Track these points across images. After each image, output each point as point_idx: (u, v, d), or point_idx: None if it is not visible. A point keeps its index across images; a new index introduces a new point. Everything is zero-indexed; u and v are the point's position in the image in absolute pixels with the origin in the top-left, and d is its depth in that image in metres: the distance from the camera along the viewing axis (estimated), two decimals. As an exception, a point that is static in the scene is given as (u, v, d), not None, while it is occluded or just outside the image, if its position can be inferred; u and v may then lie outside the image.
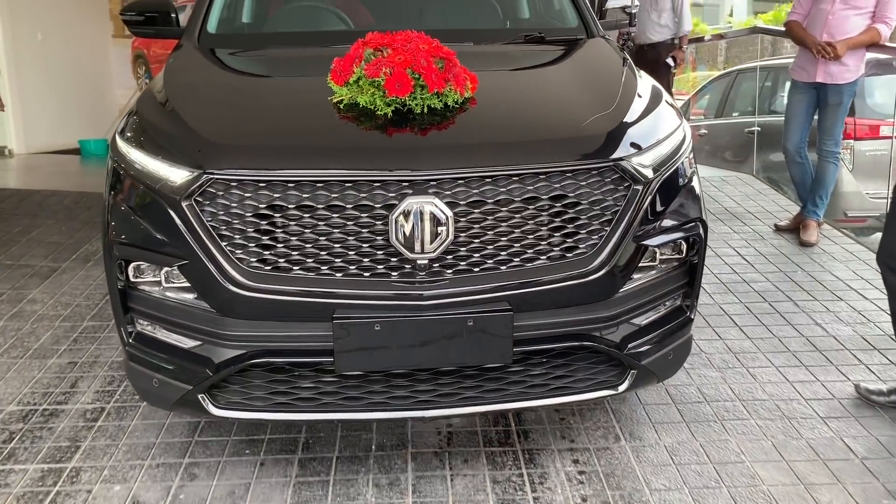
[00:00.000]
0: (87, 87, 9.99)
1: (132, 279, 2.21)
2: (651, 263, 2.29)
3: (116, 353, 3.20)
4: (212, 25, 3.12)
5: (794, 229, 4.62)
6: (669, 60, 6.40)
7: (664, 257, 2.32)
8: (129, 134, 2.36)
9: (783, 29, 4.76)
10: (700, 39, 9.98)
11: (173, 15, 3.07)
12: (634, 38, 6.80)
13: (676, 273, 2.36)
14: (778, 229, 4.71)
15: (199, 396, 2.17)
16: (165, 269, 2.15)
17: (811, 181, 4.58)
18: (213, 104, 2.45)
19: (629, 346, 2.24)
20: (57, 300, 3.78)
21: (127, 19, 3.07)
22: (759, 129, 7.21)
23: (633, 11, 3.32)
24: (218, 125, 2.26)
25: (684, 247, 2.35)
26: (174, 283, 2.18)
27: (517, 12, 3.62)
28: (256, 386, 2.17)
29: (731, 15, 31.82)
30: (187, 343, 2.19)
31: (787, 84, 7.36)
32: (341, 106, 2.26)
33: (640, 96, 2.51)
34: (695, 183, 2.40)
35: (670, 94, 6.62)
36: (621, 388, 2.27)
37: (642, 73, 2.80)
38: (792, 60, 4.68)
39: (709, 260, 4.18)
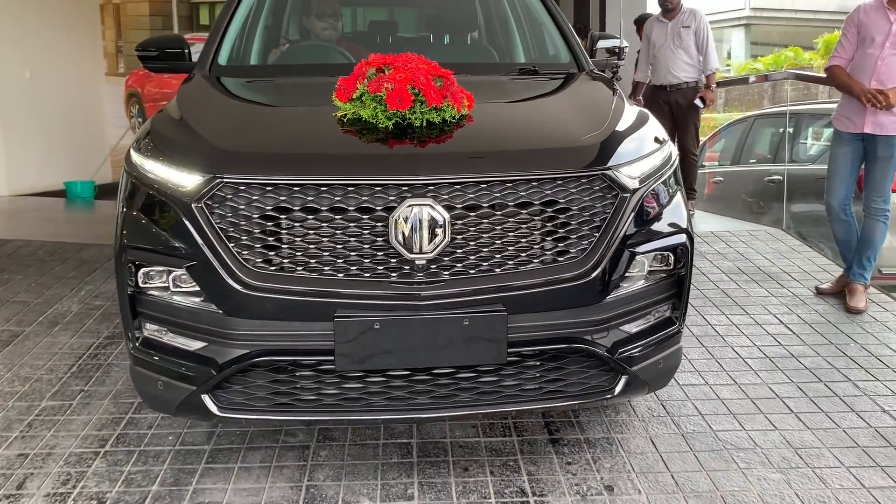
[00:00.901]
0: (77, 126, 9.60)
1: (141, 285, 2.32)
2: (639, 273, 2.41)
3: (75, 443, 2.75)
4: (223, 58, 3.29)
5: (839, 293, 4.20)
6: (698, 101, 6.00)
7: (653, 268, 2.44)
8: (143, 146, 2.49)
9: (823, 75, 4.39)
10: (744, 81, 9.67)
11: (186, 50, 3.22)
12: (639, 79, 6.42)
13: (664, 283, 2.48)
14: (819, 293, 4.28)
15: (202, 397, 2.25)
16: (173, 273, 2.27)
17: (857, 241, 4.16)
18: (224, 119, 2.63)
19: (619, 351, 2.35)
20: (15, 373, 3.32)
21: (142, 55, 3.21)
22: (780, 177, 6.83)
23: (624, 48, 3.52)
24: (228, 136, 2.42)
25: (672, 258, 2.47)
26: (182, 286, 2.28)
27: (512, 50, 3.79)
28: (259, 387, 2.26)
29: (729, 58, 31.91)
30: (193, 345, 2.28)
31: (810, 131, 7.05)
32: (345, 120, 2.42)
33: (627, 116, 2.68)
34: (680, 198, 2.55)
35: (697, 138, 6.21)
36: (613, 392, 2.37)
37: (630, 100, 2.95)
38: (814, 106, 4.30)
39: (749, 328, 3.77)
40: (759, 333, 3.75)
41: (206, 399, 2.27)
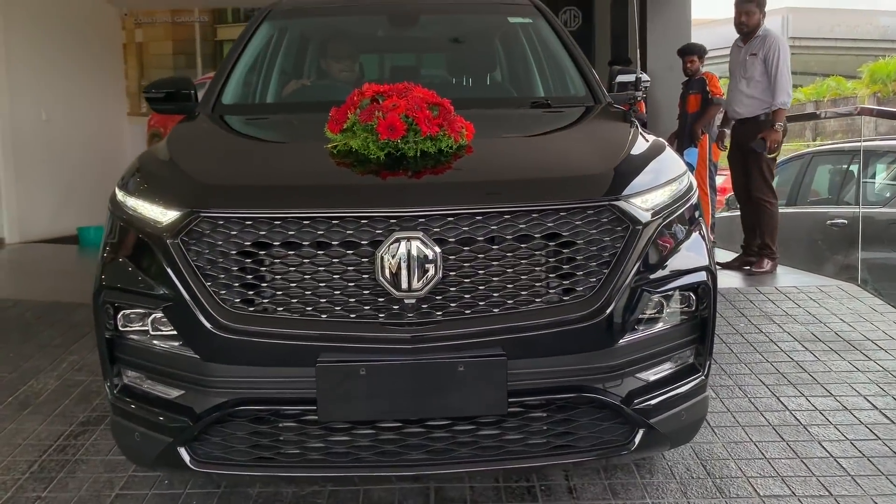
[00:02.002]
0: (95, 168, 9.30)
1: (120, 328, 2.21)
2: (656, 314, 2.21)
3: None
4: (227, 98, 3.21)
5: (939, 368, 3.55)
6: (755, 145, 5.22)
7: (671, 308, 2.23)
8: (127, 184, 2.39)
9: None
10: (812, 116, 9.11)
11: (192, 92, 3.13)
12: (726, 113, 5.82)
13: (685, 326, 2.27)
14: (915, 367, 3.64)
15: (178, 450, 2.11)
16: (152, 315, 2.15)
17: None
18: (209, 155, 2.55)
19: (636, 401, 2.14)
20: (-35, 473, 2.82)
21: (150, 97, 3.13)
22: (845, 221, 6.18)
23: (643, 81, 3.24)
24: (209, 170, 2.34)
25: (693, 298, 2.27)
26: (161, 330, 2.16)
27: (530, 86, 3.65)
28: (238, 439, 2.11)
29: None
30: (170, 393, 2.16)
31: (879, 168, 6.40)
32: (335, 151, 2.30)
33: (639, 146, 2.50)
34: (701, 232, 2.36)
35: (766, 181, 5.33)
36: (630, 448, 2.14)
37: (648, 132, 2.74)
38: (889, 142, 3.68)
39: (836, 415, 3.15)
40: (850, 422, 3.11)
41: (183, 452, 2.12)
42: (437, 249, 2.01)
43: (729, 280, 5.37)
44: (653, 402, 2.17)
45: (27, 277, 6.44)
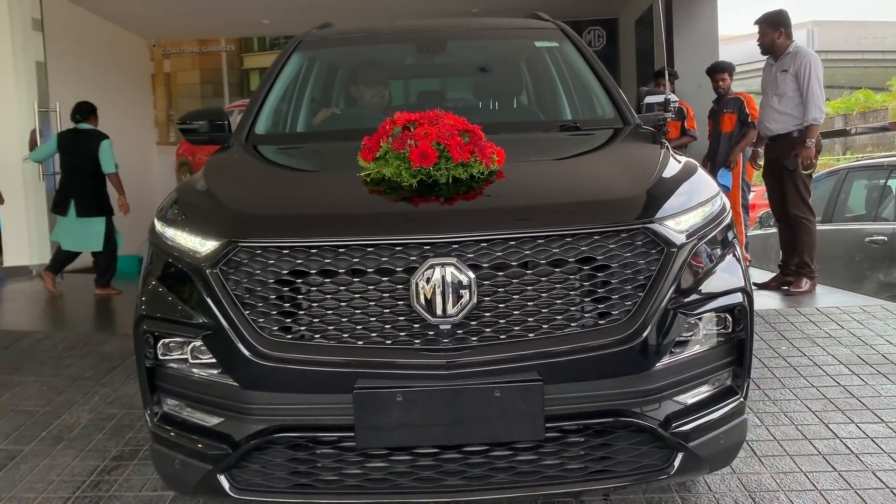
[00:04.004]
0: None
1: (160, 357, 2.23)
2: (693, 336, 2.19)
3: None
4: (260, 128, 3.25)
5: None
6: (788, 163, 5.10)
7: (708, 331, 2.21)
8: (166, 215, 2.41)
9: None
10: (842, 133, 8.93)
11: (226, 122, 3.19)
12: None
13: (723, 348, 2.24)
14: (968, 390, 3.49)
15: (218, 477, 2.12)
16: (192, 344, 2.17)
17: None
18: (246, 185, 2.55)
19: (673, 425, 2.10)
20: (0, 511, 2.80)
21: (183, 128, 3.20)
22: (884, 238, 6.03)
23: (672, 102, 3.26)
24: (246, 200, 2.33)
25: (729, 320, 2.24)
26: (200, 358, 2.18)
27: (558, 110, 3.65)
28: (277, 466, 2.11)
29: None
30: (210, 420, 2.17)
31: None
32: (368, 179, 2.31)
33: (671, 168, 2.48)
34: (736, 253, 2.34)
35: (803, 199, 5.17)
36: (670, 472, 2.11)
37: (679, 155, 2.68)
38: None
39: (889, 443, 3.05)
40: (908, 454, 2.99)
41: (222, 479, 2.12)
42: (472, 275, 2.00)
43: (767, 301, 5.25)
44: (691, 425, 2.13)
45: (58, 308, 6.47)
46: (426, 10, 10.90)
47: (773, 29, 5.35)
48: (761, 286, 5.80)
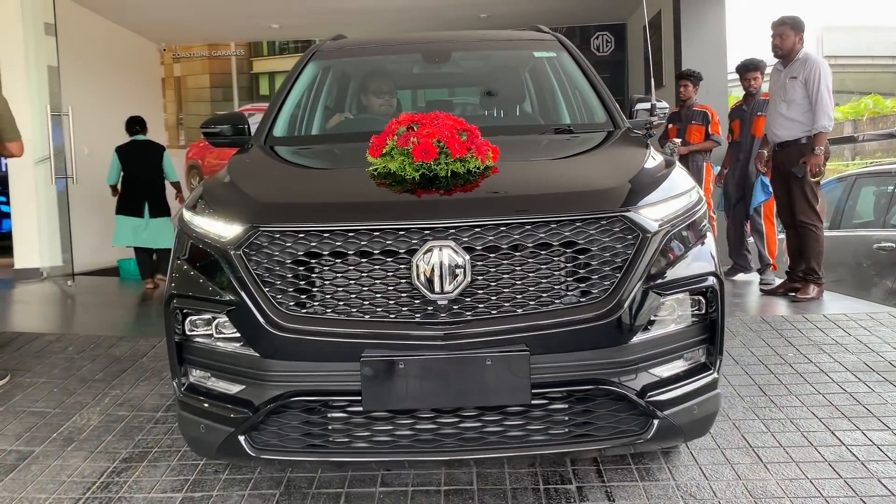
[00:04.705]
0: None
1: (188, 332, 2.49)
2: (668, 316, 2.40)
3: None
4: (278, 131, 3.52)
5: None
6: (796, 170, 5.09)
7: (682, 311, 2.43)
8: (194, 206, 2.66)
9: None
10: (850, 139, 8.89)
11: (245, 126, 3.43)
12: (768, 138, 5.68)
13: (696, 327, 2.46)
14: (975, 398, 3.49)
15: (239, 438, 2.35)
16: (217, 320, 2.41)
17: None
18: (266, 178, 2.85)
19: (649, 394, 2.32)
20: (10, 512, 2.83)
21: (207, 131, 3.42)
22: (893, 245, 6.01)
23: (656, 106, 3.48)
24: (267, 191, 2.61)
25: (702, 301, 2.47)
26: (224, 333, 2.42)
27: (556, 115, 3.89)
28: (292, 428, 2.34)
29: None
30: (232, 388, 2.41)
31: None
32: (376, 173, 2.57)
33: (651, 165, 2.72)
34: (709, 242, 2.55)
35: (811, 205, 5.17)
36: (645, 437, 2.33)
37: (659, 155, 2.90)
38: None
39: (895, 450, 3.01)
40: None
41: (243, 440, 2.36)
42: (466, 257, 2.25)
43: (775, 307, 5.25)
44: (666, 395, 2.36)
45: (68, 311, 6.52)
46: (434, 15, 10.93)
47: (796, 33, 5.31)
48: (768, 292, 5.80)
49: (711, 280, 2.47)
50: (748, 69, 6.43)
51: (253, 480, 2.95)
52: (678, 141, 7.34)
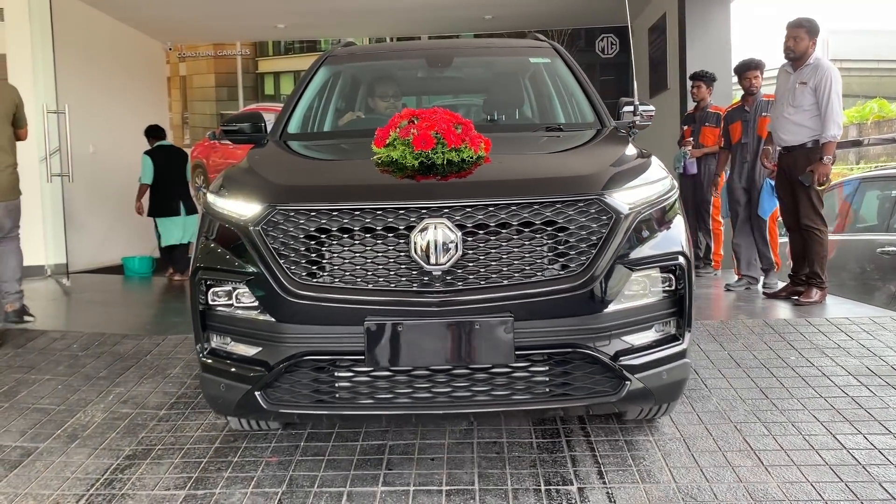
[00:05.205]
0: (126, 194, 9.46)
1: (210, 302, 2.77)
2: (639, 289, 2.67)
3: None
4: (292, 128, 3.84)
5: None
6: (803, 178, 5.04)
7: (653, 285, 2.70)
8: (217, 189, 2.94)
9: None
10: (856, 143, 8.86)
11: (262, 124, 3.68)
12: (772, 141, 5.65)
13: (665, 301, 2.73)
14: (977, 402, 3.48)
15: (255, 394, 2.64)
16: (237, 291, 2.70)
17: None
18: (282, 166, 3.19)
19: (622, 358, 2.61)
20: (14, 507, 2.85)
21: (227, 129, 3.68)
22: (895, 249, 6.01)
23: (638, 107, 3.71)
24: (283, 176, 2.94)
25: (671, 278, 2.73)
26: (242, 301, 2.71)
27: (550, 116, 4.18)
28: (302, 385, 2.63)
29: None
30: (250, 350, 2.69)
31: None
32: (379, 161, 2.85)
33: (628, 157, 3.01)
34: (678, 225, 2.82)
35: (816, 209, 5.14)
36: (618, 397, 2.61)
37: (637, 149, 3.16)
38: None
39: (896, 455, 3.00)
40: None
41: (259, 396, 2.64)
42: (458, 233, 2.53)
43: (777, 311, 5.26)
44: (637, 360, 2.63)
45: (73, 308, 6.54)
46: (439, 15, 10.94)
47: (811, 37, 5.24)
48: (771, 295, 5.80)
49: (680, 259, 2.72)
50: (748, 68, 6.30)
51: (255, 478, 2.97)
52: (689, 144, 7.33)
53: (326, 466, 3.04)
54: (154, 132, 8.62)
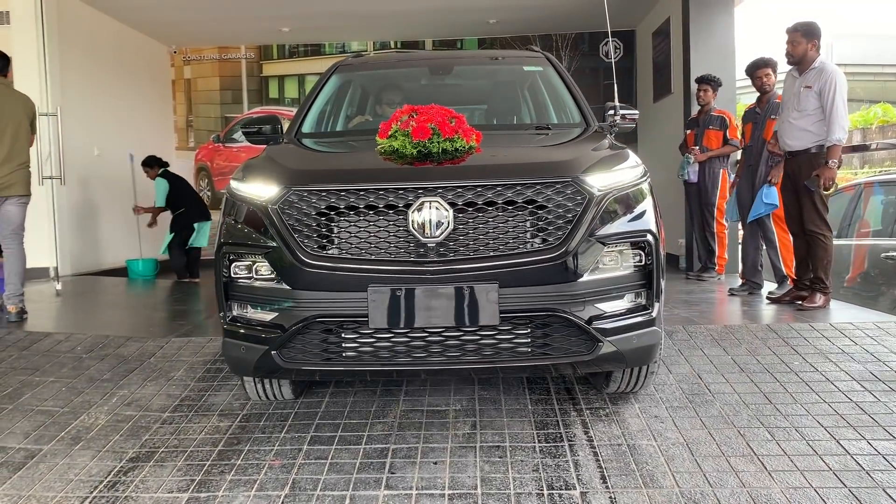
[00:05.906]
0: (145, 202, 9.49)
1: (232, 275, 3.14)
2: (611, 262, 3.01)
3: None
4: (306, 128, 4.30)
5: None
6: (808, 183, 5.03)
7: (624, 259, 3.05)
8: (239, 176, 3.32)
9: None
10: (863, 148, 8.82)
11: (279, 126, 4.12)
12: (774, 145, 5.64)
13: (635, 273, 3.07)
14: (982, 408, 3.47)
15: (272, 353, 3.00)
16: (256, 264, 3.08)
17: None
18: (297, 156, 3.62)
19: (595, 323, 2.94)
20: (18, 510, 2.85)
21: (247, 131, 4.07)
22: (900, 254, 6.00)
23: (625, 114, 4.07)
24: (298, 163, 3.38)
25: (641, 254, 3.06)
26: (261, 272, 3.08)
27: (536, 114, 4.69)
28: (313, 345, 2.98)
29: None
30: (267, 316, 3.04)
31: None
32: (382, 151, 3.25)
33: (604, 148, 3.38)
34: (648, 207, 3.14)
35: (820, 214, 5.12)
36: (593, 355, 2.95)
37: (612, 142, 3.59)
38: None
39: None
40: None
41: (275, 355, 3.00)
42: (450, 210, 2.89)
43: (781, 316, 5.24)
44: (609, 325, 2.96)
45: (77, 310, 6.55)
46: (443, 19, 10.95)
47: (808, 40, 5.25)
48: (774, 300, 5.79)
49: (648, 237, 3.05)
50: (758, 66, 6.26)
51: (258, 481, 2.97)
52: (696, 149, 7.32)
53: (329, 470, 3.05)
54: (156, 161, 9.17)
